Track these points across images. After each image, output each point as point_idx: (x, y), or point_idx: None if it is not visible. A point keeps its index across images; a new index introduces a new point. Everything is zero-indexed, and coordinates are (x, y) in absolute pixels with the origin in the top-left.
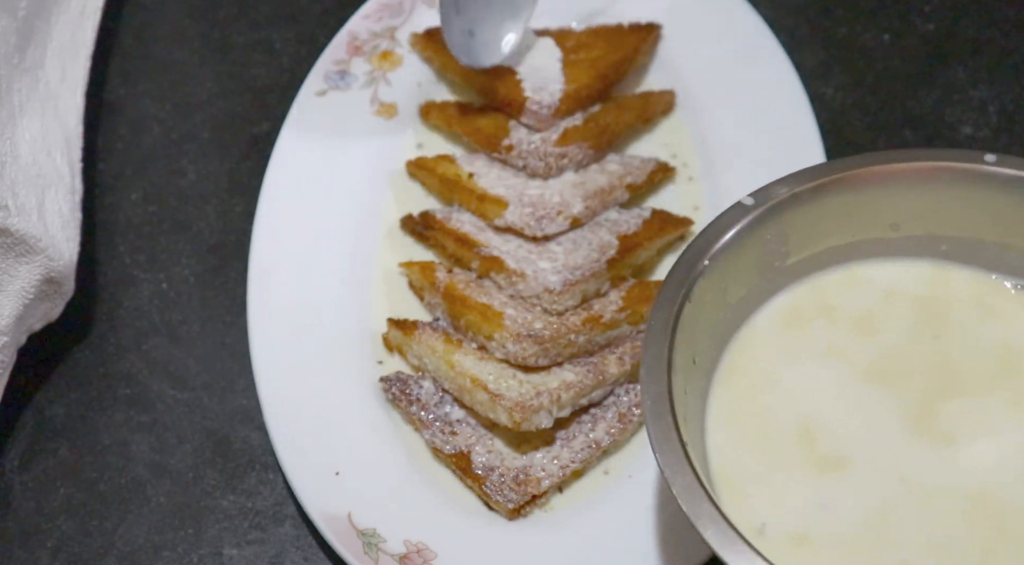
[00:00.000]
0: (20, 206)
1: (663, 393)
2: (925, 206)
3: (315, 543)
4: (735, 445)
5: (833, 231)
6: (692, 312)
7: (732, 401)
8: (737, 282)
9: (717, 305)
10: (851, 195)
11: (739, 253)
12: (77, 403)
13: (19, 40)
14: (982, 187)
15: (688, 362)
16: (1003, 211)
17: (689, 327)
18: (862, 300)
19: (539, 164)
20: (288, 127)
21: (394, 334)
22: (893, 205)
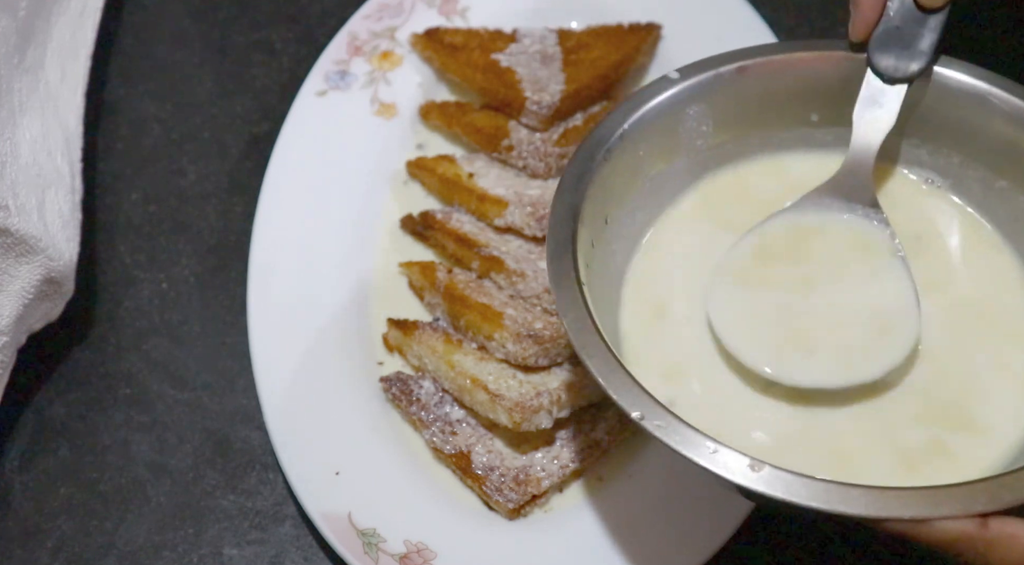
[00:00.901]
0: (20, 206)
1: (567, 239)
2: (842, 97)
3: (315, 543)
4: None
5: (754, 117)
6: (607, 172)
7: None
8: (657, 154)
9: (635, 173)
10: (773, 81)
11: (660, 124)
12: (77, 403)
13: (19, 40)
14: None
15: (600, 220)
16: (916, 105)
17: (602, 186)
18: (774, 188)
19: (539, 164)
20: (288, 127)
21: (394, 334)
22: (812, 94)
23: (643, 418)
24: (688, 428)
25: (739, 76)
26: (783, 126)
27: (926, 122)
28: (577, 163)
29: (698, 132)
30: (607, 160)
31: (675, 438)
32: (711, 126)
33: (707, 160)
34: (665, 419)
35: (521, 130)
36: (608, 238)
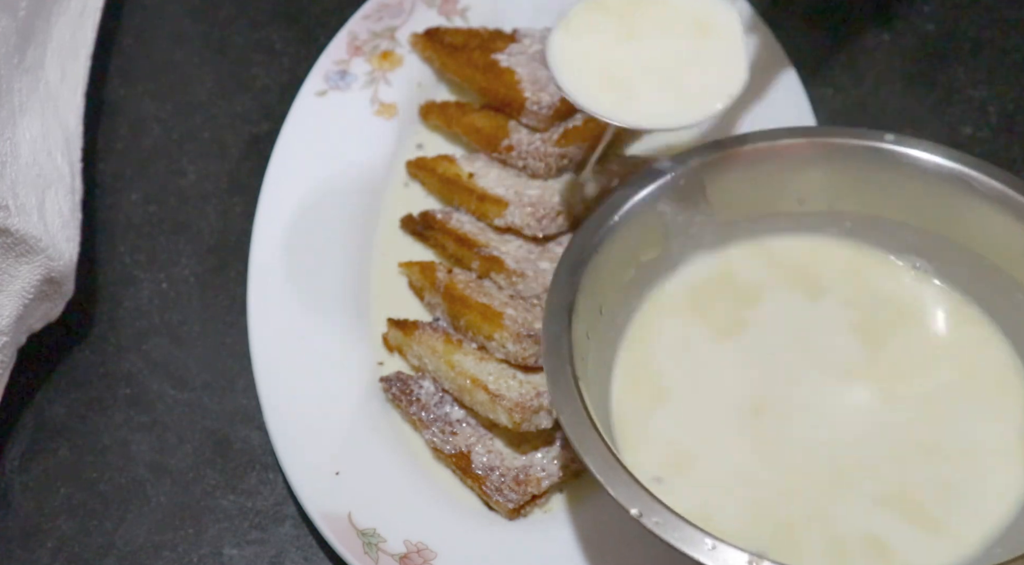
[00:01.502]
0: (20, 206)
1: (562, 331)
2: (828, 182)
3: (315, 543)
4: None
5: (741, 202)
6: (600, 263)
7: (636, 357)
8: (648, 242)
9: (627, 262)
10: (759, 167)
11: (650, 214)
12: (77, 403)
13: (19, 40)
14: (881, 165)
15: (594, 310)
16: (901, 189)
17: (595, 277)
18: (758, 272)
19: (539, 164)
20: (288, 127)
21: (394, 334)
22: (798, 180)
23: (641, 515)
24: (686, 524)
25: (726, 164)
26: (769, 210)
27: (909, 205)
28: (570, 255)
29: (688, 220)
30: (598, 251)
31: (674, 535)
32: (701, 213)
33: (696, 245)
34: (663, 515)
35: (521, 130)
36: (603, 328)
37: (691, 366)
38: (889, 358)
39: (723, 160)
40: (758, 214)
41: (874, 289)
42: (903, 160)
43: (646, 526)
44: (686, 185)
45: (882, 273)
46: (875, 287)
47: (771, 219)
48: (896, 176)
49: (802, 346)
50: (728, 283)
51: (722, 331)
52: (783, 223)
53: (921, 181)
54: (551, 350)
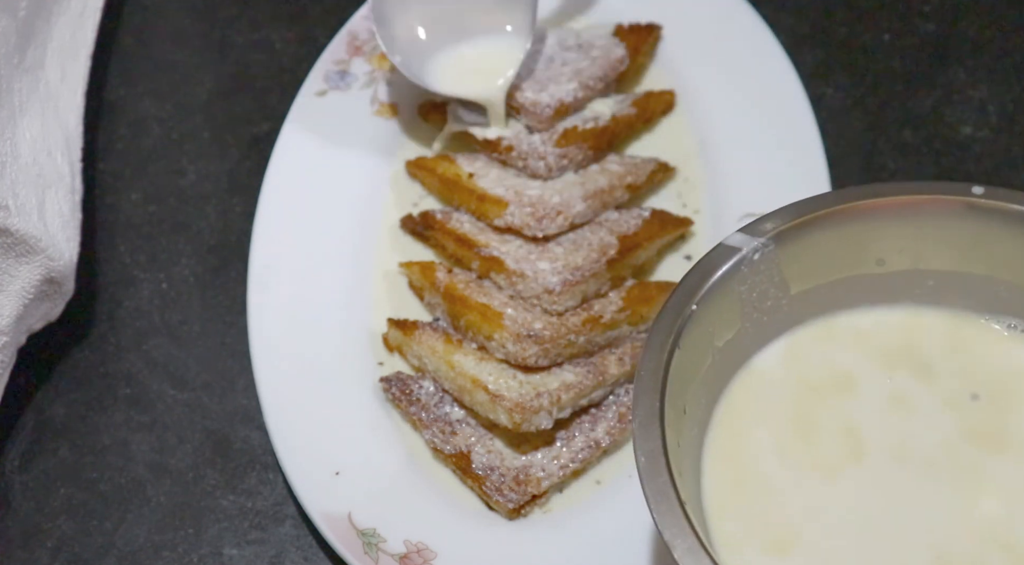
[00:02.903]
0: (20, 206)
1: (657, 449)
2: (910, 240)
3: (315, 543)
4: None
5: (818, 270)
6: (681, 360)
7: (725, 452)
8: (724, 326)
9: (705, 350)
10: (834, 232)
11: (725, 296)
12: (77, 403)
13: (19, 40)
14: (967, 219)
15: (679, 413)
16: (989, 244)
17: (679, 376)
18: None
19: (539, 164)
20: (288, 127)
21: (394, 334)
22: (877, 240)
23: None
24: None
25: (800, 232)
26: (847, 274)
27: (1002, 263)
28: (651, 356)
29: (763, 295)
30: (679, 347)
31: None
32: (776, 287)
33: (772, 321)
34: None
35: (521, 130)
36: (687, 429)
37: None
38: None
39: (798, 228)
40: (835, 280)
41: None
42: (994, 214)
43: None
44: (760, 259)
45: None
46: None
47: (848, 284)
48: (986, 230)
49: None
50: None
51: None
52: (863, 288)
53: (1013, 234)
54: (650, 472)
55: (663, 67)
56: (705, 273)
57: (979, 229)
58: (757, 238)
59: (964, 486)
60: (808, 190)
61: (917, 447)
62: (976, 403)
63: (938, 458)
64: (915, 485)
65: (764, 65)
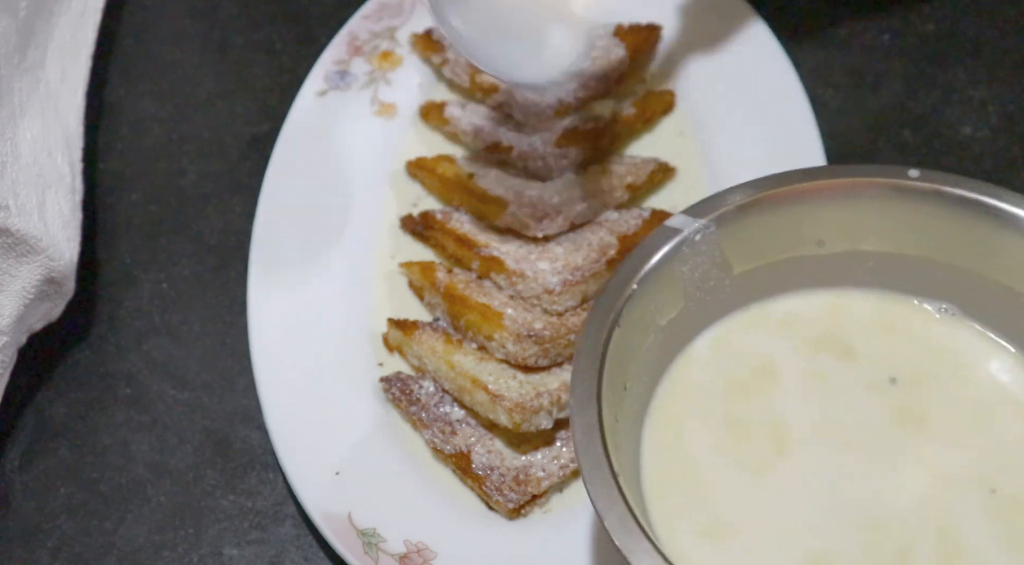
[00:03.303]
0: (21, 206)
1: (593, 423)
2: (848, 222)
3: (315, 543)
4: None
5: (759, 251)
6: (621, 337)
7: (664, 432)
8: (666, 305)
9: (647, 328)
10: (775, 214)
11: (667, 276)
12: (77, 403)
13: (20, 40)
14: (904, 201)
15: (619, 389)
16: (926, 225)
17: (619, 353)
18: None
19: (539, 164)
20: (288, 127)
21: (394, 334)
22: (817, 222)
23: None
24: None
25: (742, 214)
26: (788, 255)
27: (938, 245)
28: (590, 334)
29: (706, 275)
30: (619, 325)
31: None
32: (719, 267)
33: (714, 301)
34: None
35: (521, 130)
36: (628, 404)
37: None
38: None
39: (739, 210)
40: (776, 261)
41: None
42: (929, 196)
43: None
44: (701, 240)
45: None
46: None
47: (789, 265)
48: (922, 212)
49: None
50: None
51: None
52: (803, 269)
53: (948, 216)
54: (585, 444)
55: (663, 67)
56: (646, 254)
57: (916, 212)
58: (699, 219)
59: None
60: None
61: (842, 430)
62: (895, 385)
63: (862, 439)
64: (843, 467)
65: (764, 65)
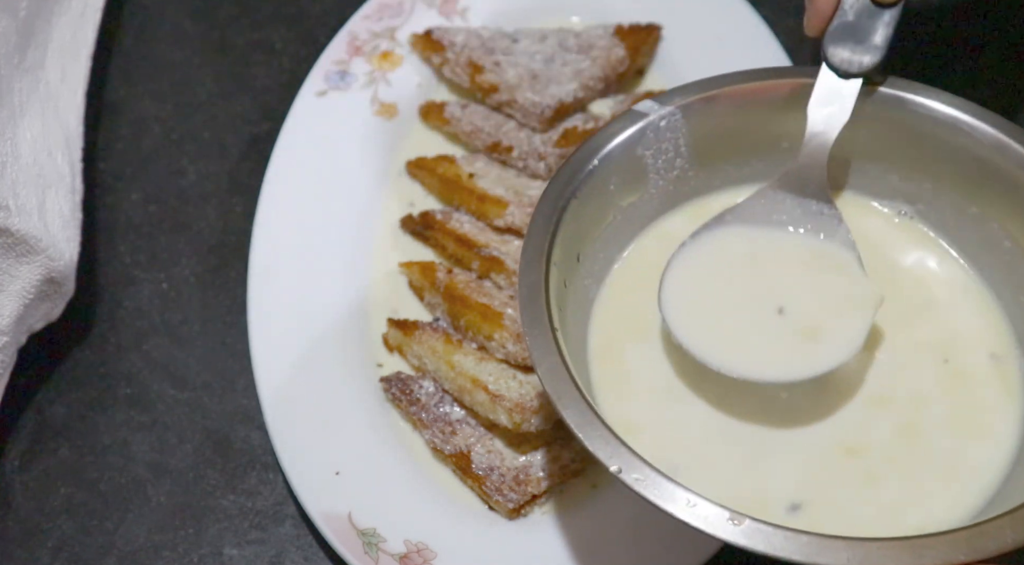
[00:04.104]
0: (21, 206)
1: (539, 282)
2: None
3: (315, 543)
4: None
5: (723, 145)
6: (578, 208)
7: (610, 307)
8: (628, 187)
9: (606, 206)
10: (739, 109)
11: (630, 158)
12: (77, 403)
13: (20, 40)
14: (867, 107)
15: (571, 258)
16: (887, 131)
17: (574, 223)
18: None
19: (539, 164)
20: (288, 127)
21: (394, 334)
22: (781, 122)
23: (621, 471)
24: (667, 481)
25: (707, 106)
26: (754, 154)
27: (895, 149)
28: (546, 202)
29: (669, 164)
30: (576, 196)
31: (654, 492)
32: (682, 157)
33: (677, 191)
34: (643, 472)
35: (521, 130)
36: (581, 275)
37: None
38: None
39: (703, 102)
40: (739, 157)
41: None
42: (890, 102)
43: (626, 482)
44: (666, 127)
45: (867, 220)
46: (861, 235)
47: (751, 163)
48: (883, 118)
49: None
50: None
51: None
52: (764, 166)
53: (908, 124)
54: (528, 300)
55: (663, 67)
56: (610, 134)
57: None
58: (665, 106)
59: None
60: None
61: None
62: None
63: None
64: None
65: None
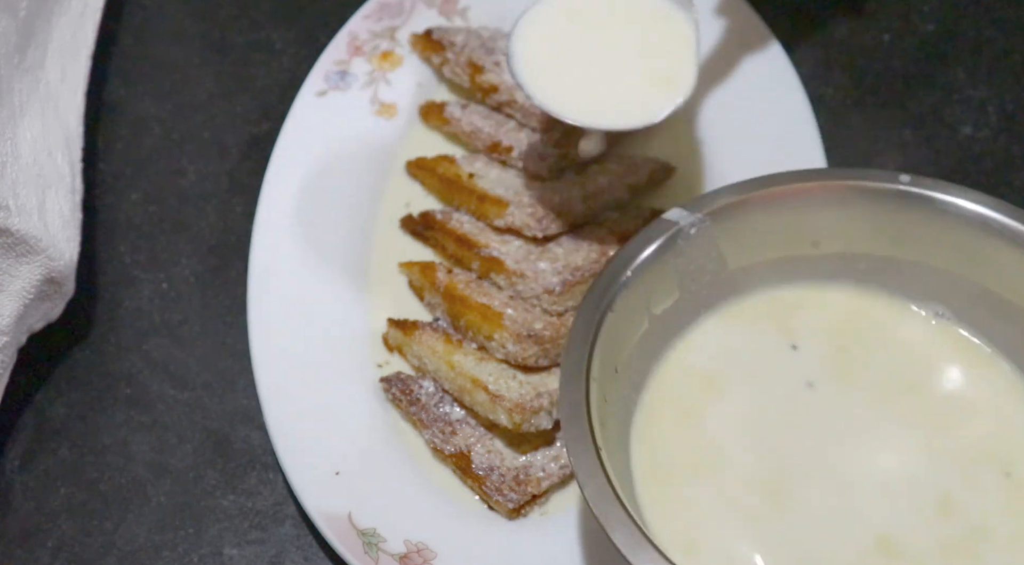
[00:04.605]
0: (21, 206)
1: (580, 400)
2: (842, 225)
3: (315, 543)
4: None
5: (755, 248)
6: (614, 321)
7: (655, 418)
8: (660, 294)
9: (640, 315)
10: (770, 212)
11: (662, 266)
12: (77, 403)
13: (20, 40)
14: (895, 206)
15: (610, 371)
16: (917, 230)
17: (610, 336)
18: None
19: (539, 164)
20: (288, 127)
21: (394, 334)
22: (813, 223)
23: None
24: None
25: (738, 211)
26: (783, 254)
27: (930, 250)
28: (582, 318)
29: (700, 268)
30: (611, 309)
31: None
32: (714, 261)
33: (710, 294)
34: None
35: (521, 130)
36: (619, 386)
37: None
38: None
39: (735, 207)
40: (772, 259)
41: (897, 342)
42: (920, 202)
43: None
44: (697, 234)
45: (905, 324)
46: (899, 340)
47: (785, 264)
48: (913, 217)
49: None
50: (742, 343)
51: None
52: (797, 268)
53: (939, 222)
54: (571, 419)
55: None
56: (641, 244)
57: (907, 217)
58: (695, 214)
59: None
60: None
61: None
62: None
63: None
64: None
65: (764, 65)
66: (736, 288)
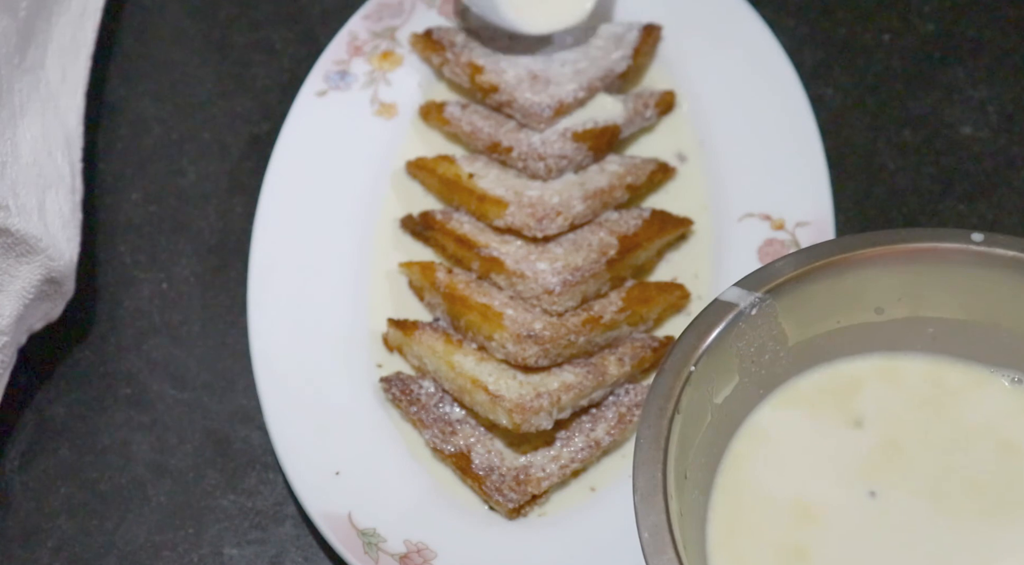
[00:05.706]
0: (21, 206)
1: (662, 523)
2: (908, 288)
3: (315, 543)
4: None
5: (816, 320)
6: (682, 425)
7: (729, 521)
8: (722, 383)
9: (704, 410)
10: (831, 282)
11: (723, 353)
12: (77, 403)
13: (20, 40)
14: (967, 267)
15: (680, 479)
16: (991, 291)
17: (680, 442)
18: (849, 404)
19: (539, 165)
20: (288, 127)
21: (394, 334)
22: (875, 288)
23: None
24: None
25: (797, 285)
26: (845, 324)
27: (1001, 309)
28: (650, 426)
29: (762, 348)
30: (679, 411)
31: None
32: (775, 340)
33: (770, 373)
34: None
35: (521, 130)
36: (689, 490)
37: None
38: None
39: (796, 280)
40: (834, 330)
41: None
42: (990, 259)
43: None
44: (758, 314)
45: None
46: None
47: (848, 333)
48: (986, 277)
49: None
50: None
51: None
52: (861, 336)
53: (1015, 281)
54: (655, 548)
55: (663, 67)
56: (702, 332)
57: (980, 277)
58: (754, 293)
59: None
60: (808, 190)
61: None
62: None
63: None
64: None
65: (764, 65)
66: (796, 363)
